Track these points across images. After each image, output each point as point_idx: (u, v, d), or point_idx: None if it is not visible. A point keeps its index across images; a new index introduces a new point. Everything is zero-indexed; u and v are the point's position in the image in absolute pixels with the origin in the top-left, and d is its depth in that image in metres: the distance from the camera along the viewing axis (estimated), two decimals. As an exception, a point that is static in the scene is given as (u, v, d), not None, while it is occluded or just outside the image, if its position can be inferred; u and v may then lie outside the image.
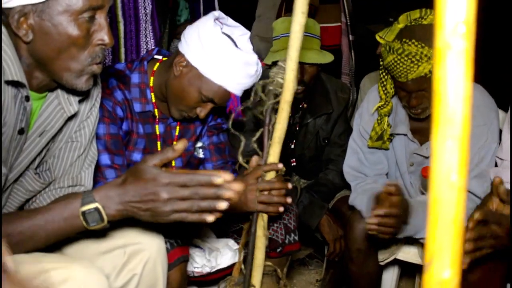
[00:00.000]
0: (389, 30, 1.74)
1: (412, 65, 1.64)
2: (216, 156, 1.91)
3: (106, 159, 1.63)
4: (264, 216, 1.56)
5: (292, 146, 2.51)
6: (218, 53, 1.57)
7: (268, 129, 1.46)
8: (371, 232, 1.66)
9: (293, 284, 2.61)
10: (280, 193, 1.55)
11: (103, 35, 1.15)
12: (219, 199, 1.06)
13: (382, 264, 2.02)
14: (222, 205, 1.07)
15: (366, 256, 1.93)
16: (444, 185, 0.39)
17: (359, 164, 2.04)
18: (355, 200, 1.97)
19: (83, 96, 1.31)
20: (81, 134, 1.35)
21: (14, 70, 1.09)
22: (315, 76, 2.35)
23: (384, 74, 1.83)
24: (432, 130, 0.39)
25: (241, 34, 1.64)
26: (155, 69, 1.74)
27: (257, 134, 1.44)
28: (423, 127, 1.92)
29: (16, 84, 1.12)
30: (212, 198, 1.07)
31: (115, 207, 1.09)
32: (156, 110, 1.75)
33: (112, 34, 1.18)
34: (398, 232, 1.71)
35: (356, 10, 3.32)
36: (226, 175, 1.06)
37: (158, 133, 1.77)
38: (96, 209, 1.08)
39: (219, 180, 1.06)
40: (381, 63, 1.80)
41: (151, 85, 1.73)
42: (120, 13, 2.44)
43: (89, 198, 1.09)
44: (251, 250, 1.55)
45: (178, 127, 1.82)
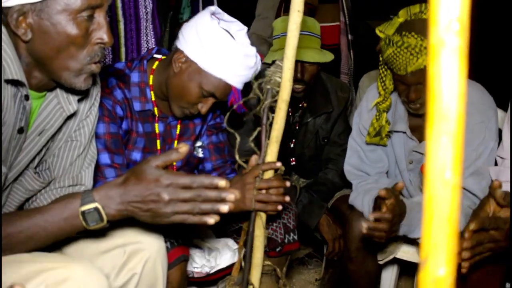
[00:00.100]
0: (389, 24, 1.75)
1: (411, 57, 1.65)
2: (216, 156, 1.91)
3: (105, 158, 1.63)
4: (262, 215, 1.56)
5: (292, 145, 2.51)
6: (216, 46, 1.57)
7: (265, 128, 1.46)
8: (366, 236, 1.67)
9: (292, 283, 2.61)
10: (279, 191, 1.55)
11: (102, 34, 1.15)
12: (222, 201, 1.06)
13: (381, 263, 2.02)
14: (224, 208, 1.06)
15: (365, 255, 1.93)
16: (438, 182, 0.40)
17: (360, 162, 2.03)
18: (355, 199, 1.97)
19: (82, 95, 1.31)
20: (80, 133, 1.35)
21: (14, 69, 1.09)
22: (315, 75, 2.35)
23: (383, 69, 1.84)
24: (427, 126, 0.39)
25: (238, 29, 1.65)
26: (154, 67, 1.74)
27: (254, 133, 1.44)
28: (421, 124, 1.92)
29: (15, 83, 1.12)
30: (214, 200, 1.07)
31: (115, 207, 1.09)
32: (155, 109, 1.75)
33: (112, 34, 1.18)
34: (393, 234, 1.71)
35: (357, 7, 3.32)
36: (224, 181, 1.07)
37: (157, 132, 1.78)
38: (96, 209, 1.08)
39: (222, 183, 1.06)
40: (381, 58, 1.81)
41: (150, 83, 1.73)
42: (120, 12, 2.44)
43: (88, 198, 1.09)
44: (249, 249, 1.55)
45: (178, 126, 1.83)
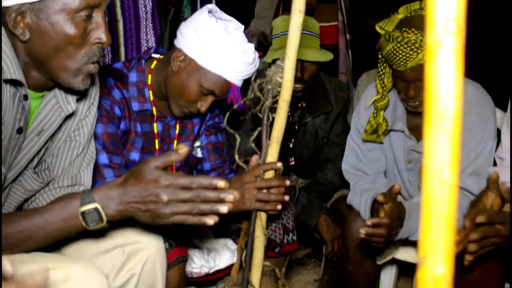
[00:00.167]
0: (389, 20, 1.76)
1: (411, 52, 1.66)
2: (214, 156, 1.91)
3: (104, 158, 1.63)
4: (262, 216, 1.56)
5: (291, 145, 2.51)
6: (215, 42, 1.57)
7: (266, 129, 1.46)
8: (364, 240, 1.68)
9: (291, 284, 2.61)
10: (279, 191, 1.55)
11: (100, 34, 1.15)
12: (221, 202, 1.07)
13: (380, 264, 2.02)
14: (223, 209, 1.06)
15: (364, 255, 1.93)
16: (436, 181, 0.40)
17: (357, 162, 2.04)
18: (352, 199, 1.96)
19: (81, 95, 1.31)
20: (79, 133, 1.35)
21: (13, 69, 1.09)
22: (315, 74, 2.35)
23: (382, 66, 1.84)
24: (424, 125, 0.40)
25: (236, 28, 1.65)
26: (152, 67, 1.74)
27: (255, 134, 1.44)
28: (420, 123, 1.92)
29: (14, 83, 1.12)
30: (213, 201, 1.07)
31: (114, 207, 1.09)
32: (154, 109, 1.75)
33: (112, 33, 1.18)
34: (392, 238, 1.71)
35: (357, 5, 3.32)
36: (223, 182, 1.07)
37: (156, 132, 1.78)
38: (96, 209, 1.08)
39: (221, 183, 1.06)
40: (380, 55, 1.82)
41: (149, 83, 1.73)
42: (119, 12, 2.44)
43: (88, 198, 1.09)
44: (250, 250, 1.55)
45: (176, 126, 1.83)
